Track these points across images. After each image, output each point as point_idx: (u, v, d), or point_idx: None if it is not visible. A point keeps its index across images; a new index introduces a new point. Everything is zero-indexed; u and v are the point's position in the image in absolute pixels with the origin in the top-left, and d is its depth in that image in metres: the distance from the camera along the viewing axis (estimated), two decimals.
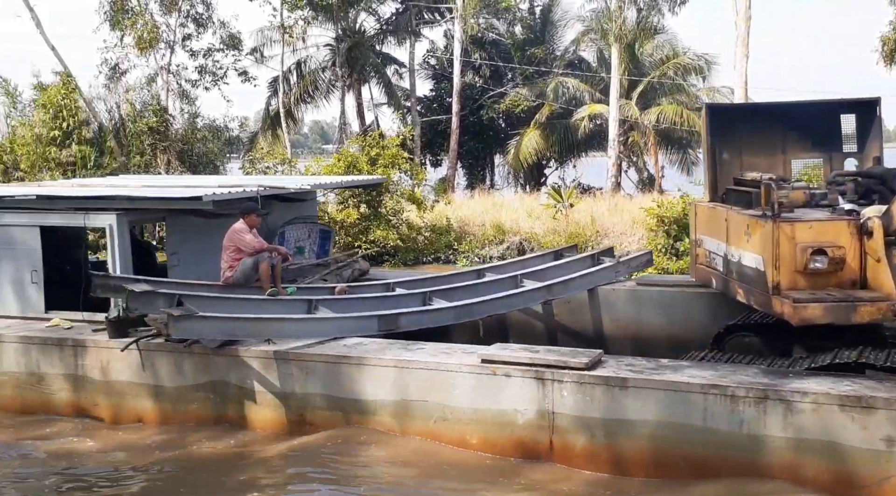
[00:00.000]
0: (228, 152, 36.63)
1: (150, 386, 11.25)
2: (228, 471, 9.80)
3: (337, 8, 34.73)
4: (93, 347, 11.55)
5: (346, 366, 10.29)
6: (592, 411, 9.00)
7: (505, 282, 13.46)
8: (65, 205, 13.18)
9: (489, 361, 9.60)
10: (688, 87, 35.76)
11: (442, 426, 9.82)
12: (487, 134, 39.14)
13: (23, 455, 10.75)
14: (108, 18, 32.28)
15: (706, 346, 11.28)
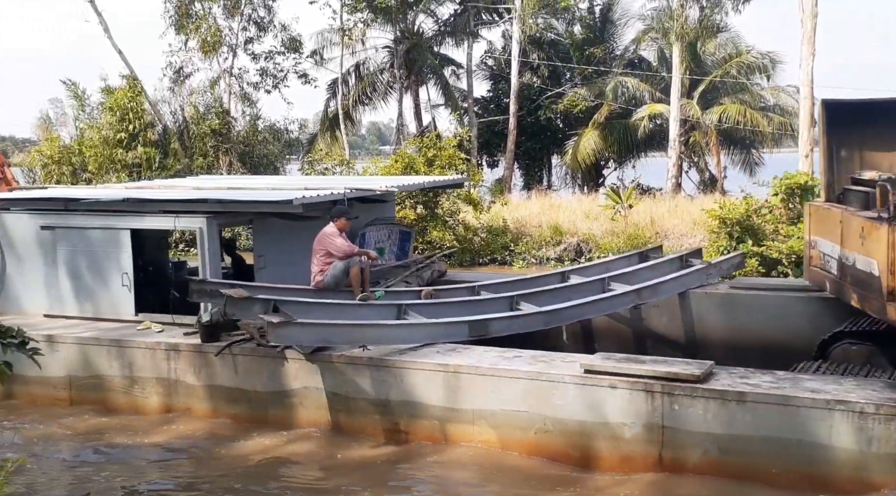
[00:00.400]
0: (288, 154, 36.64)
1: (242, 390, 11.01)
2: (328, 476, 9.51)
3: (396, 10, 34.48)
4: (186, 351, 11.33)
5: (441, 375, 9.82)
6: (706, 426, 8.45)
7: (592, 286, 12.79)
8: (155, 207, 12.97)
9: (593, 372, 9.06)
10: (751, 86, 34.64)
11: (543, 438, 9.28)
12: (545, 134, 38.42)
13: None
14: (173, 23, 32.39)
15: (807, 354, 10.63)
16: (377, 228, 15.14)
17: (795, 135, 27.93)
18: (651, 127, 33.98)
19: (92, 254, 12.95)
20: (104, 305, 12.89)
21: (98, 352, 11.88)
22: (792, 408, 8.02)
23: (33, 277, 13.47)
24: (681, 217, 23.92)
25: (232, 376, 11.00)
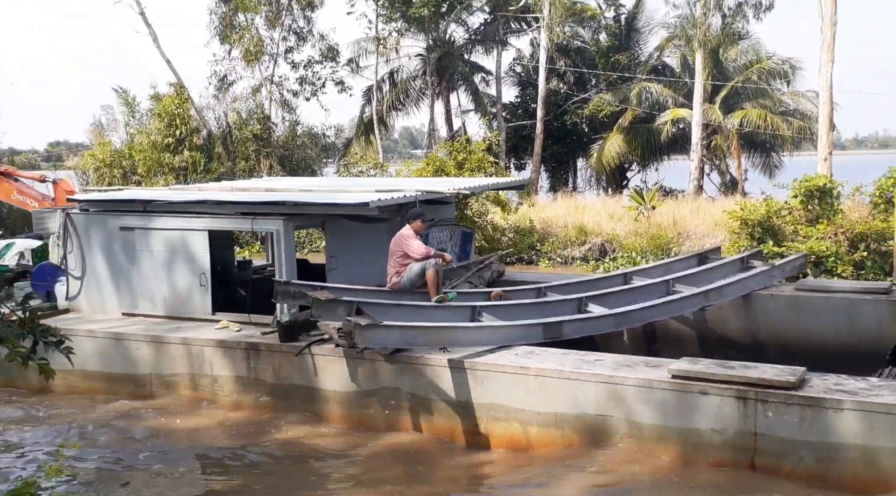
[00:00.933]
0: (325, 158, 36.65)
1: (321, 389, 10.74)
2: (407, 478, 9.25)
3: (428, 20, 34.27)
4: (265, 351, 11.11)
5: (522, 377, 9.48)
6: (801, 433, 8.03)
7: (656, 288, 12.41)
8: (231, 209, 12.61)
9: (681, 377, 8.68)
10: (772, 91, 34.39)
11: (628, 443, 8.92)
12: (571, 138, 38.23)
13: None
14: (217, 33, 32.41)
15: (875, 358, 10.42)
16: (439, 229, 14.68)
17: (814, 139, 27.56)
18: (674, 131, 33.69)
19: (170, 254, 12.73)
20: (182, 304, 12.69)
21: (177, 351, 11.71)
22: (893, 416, 7.61)
23: (112, 277, 13.21)
24: (702, 218, 23.68)
25: (310, 376, 10.78)
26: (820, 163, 24.46)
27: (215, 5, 32.27)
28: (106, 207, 13.52)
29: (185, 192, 15.48)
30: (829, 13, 24.80)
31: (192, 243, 12.53)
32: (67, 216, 13.47)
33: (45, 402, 11.98)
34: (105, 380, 12.20)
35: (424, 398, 10.07)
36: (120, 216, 13.10)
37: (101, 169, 30.47)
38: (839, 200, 17.63)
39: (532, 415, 9.43)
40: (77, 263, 13.40)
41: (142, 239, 12.87)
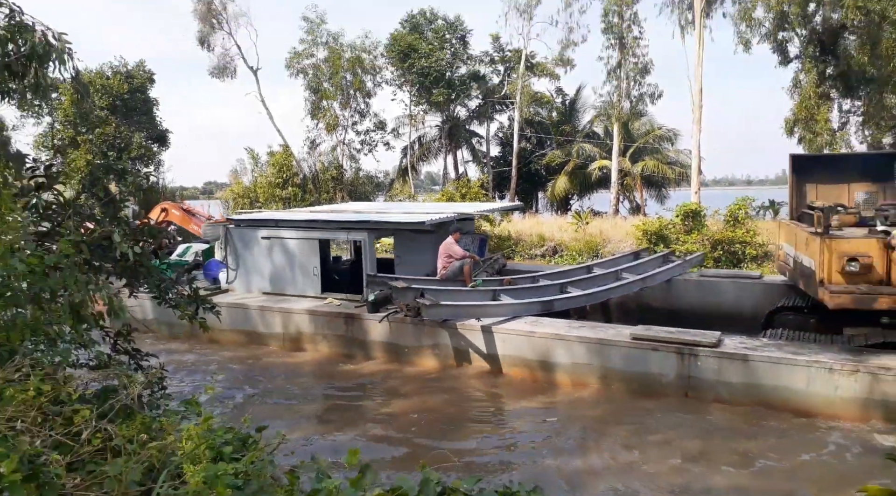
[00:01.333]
0: (377, 192, 36.68)
1: (396, 344, 10.89)
2: (453, 395, 9.35)
3: (443, 104, 34.25)
4: (358, 319, 11.26)
5: (530, 338, 9.60)
6: (718, 375, 8.21)
7: (609, 276, 12.38)
8: (333, 225, 12.89)
9: (639, 338, 8.81)
10: (662, 149, 34.47)
11: (601, 382, 9.09)
12: (534, 179, 37.93)
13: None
14: (309, 112, 32.57)
15: (756, 322, 10.36)
16: (466, 237, 14.27)
17: (689, 179, 27.77)
18: (599, 174, 33.51)
19: (294, 254, 12.92)
20: (301, 287, 12.86)
21: (302, 318, 11.82)
22: (782, 365, 7.73)
23: (257, 269, 13.43)
24: (618, 230, 23.46)
25: (389, 335, 10.92)
26: (692, 195, 24.67)
27: (308, 95, 32.35)
28: (252, 224, 13.78)
29: (301, 212, 15.44)
30: (697, 100, 25.06)
31: (309, 247, 12.75)
32: (227, 229, 13.78)
33: (212, 349, 12.20)
34: (253, 336, 12.38)
35: (465, 350, 10.27)
36: (261, 229, 13.38)
37: (237, 199, 30.73)
38: (704, 218, 17.78)
39: (537, 363, 9.59)
40: (233, 260, 13.67)
41: (276, 244, 13.13)
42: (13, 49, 4.93)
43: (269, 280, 13.30)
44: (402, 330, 10.81)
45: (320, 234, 12.85)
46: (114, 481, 2.78)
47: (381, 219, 12.71)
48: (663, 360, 8.58)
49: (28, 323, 3.72)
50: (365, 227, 12.35)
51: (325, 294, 12.61)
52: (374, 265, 12.32)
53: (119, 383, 3.71)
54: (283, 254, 13.09)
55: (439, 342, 10.48)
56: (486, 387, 9.64)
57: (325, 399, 9.72)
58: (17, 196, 5.20)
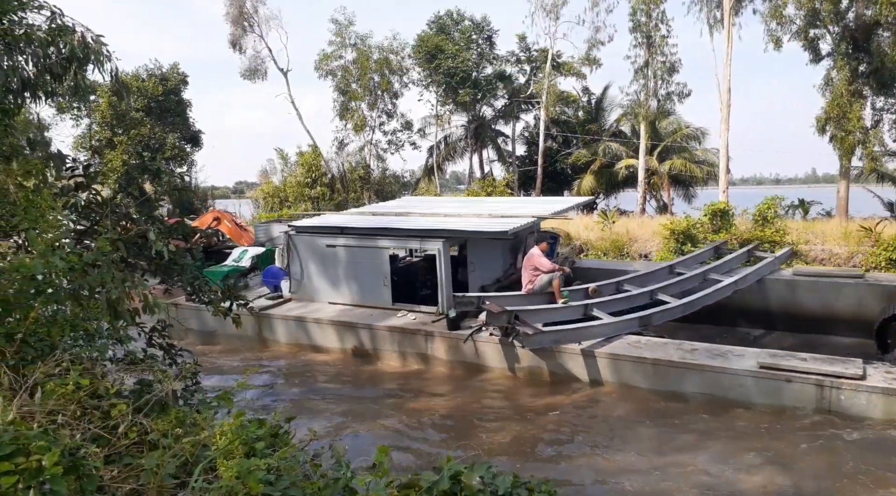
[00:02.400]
0: (403, 191, 36.79)
1: (479, 365, 9.93)
2: (555, 417, 8.35)
3: (469, 104, 34.21)
4: (438, 336, 10.27)
5: (641, 364, 8.54)
6: (868, 412, 7.30)
7: (697, 278, 11.20)
8: (403, 234, 11.78)
9: (768, 367, 7.81)
10: (689, 148, 33.88)
11: (717, 412, 7.98)
12: (560, 178, 37.70)
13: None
14: (338, 113, 32.75)
15: (855, 327, 9.57)
16: (531, 237, 13.38)
17: (717, 178, 27.29)
18: (626, 173, 33.08)
19: (361, 263, 12.02)
20: (369, 296, 11.97)
21: (374, 333, 10.86)
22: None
23: (320, 277, 12.54)
24: (645, 229, 23.24)
25: (472, 355, 9.98)
26: (720, 194, 24.25)
27: (337, 96, 32.55)
28: (315, 231, 12.77)
29: (363, 217, 13.96)
30: (725, 98, 24.64)
31: (378, 256, 11.78)
32: (289, 236, 12.79)
33: (274, 361, 11.34)
34: (318, 350, 11.44)
35: (562, 375, 9.24)
36: (326, 237, 12.47)
37: (266, 198, 31.10)
38: (733, 217, 17.49)
39: (647, 391, 8.57)
40: (296, 268, 12.77)
41: (341, 252, 12.25)
42: (53, 51, 5.02)
43: (334, 290, 12.44)
44: (488, 351, 9.84)
45: (391, 243, 11.86)
46: (150, 474, 2.81)
47: (457, 227, 11.52)
48: (799, 394, 7.61)
49: (67, 319, 3.79)
50: (440, 236, 11.26)
51: (397, 305, 11.70)
52: (449, 276, 11.17)
53: (154, 378, 3.76)
54: (349, 263, 12.23)
55: (532, 365, 9.51)
56: (587, 416, 8.56)
57: (403, 423, 8.73)
58: (58, 195, 5.31)
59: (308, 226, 13.07)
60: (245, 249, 15.33)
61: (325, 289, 12.51)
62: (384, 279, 11.76)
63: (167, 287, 5.98)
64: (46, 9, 5.47)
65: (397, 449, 7.49)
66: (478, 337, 9.83)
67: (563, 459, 7.32)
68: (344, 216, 14.82)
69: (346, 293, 12.29)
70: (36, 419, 2.53)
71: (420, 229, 11.65)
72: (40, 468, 1.84)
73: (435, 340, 10.30)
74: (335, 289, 12.39)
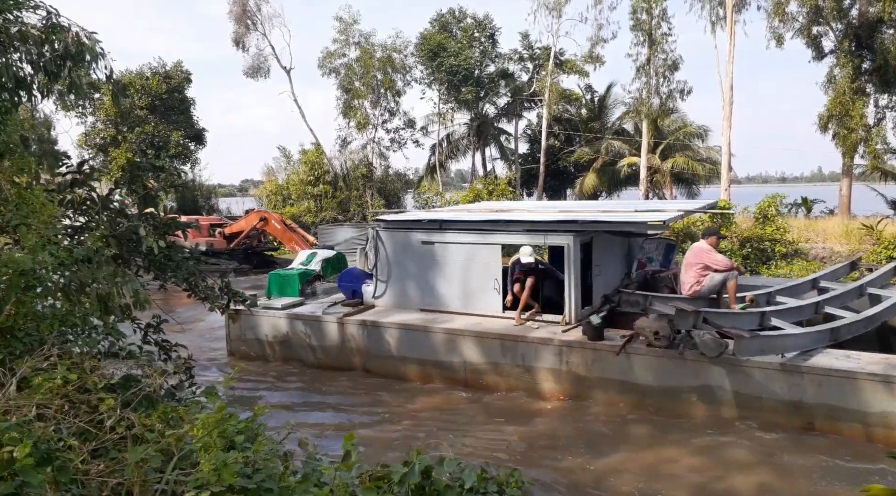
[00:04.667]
0: (406, 189, 36.74)
1: (634, 384, 8.19)
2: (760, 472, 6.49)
3: (471, 102, 34.14)
4: (578, 348, 8.59)
5: (856, 382, 7.01)
6: None
7: (852, 292, 9.60)
8: (519, 227, 9.95)
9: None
10: (692, 146, 33.77)
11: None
12: (562, 176, 37.70)
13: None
14: (341, 112, 32.78)
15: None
16: (648, 241, 11.91)
17: (719, 176, 27.25)
18: (629, 171, 32.93)
19: (464, 262, 10.29)
20: (474, 303, 10.20)
21: (492, 345, 9.15)
22: None
23: (413, 280, 10.83)
24: None
25: (624, 371, 8.22)
26: (722, 191, 24.22)
27: (340, 94, 32.57)
28: (409, 226, 11.05)
29: (472, 212, 11.99)
30: (727, 96, 24.55)
31: (488, 254, 10.07)
32: (376, 233, 11.16)
33: (363, 380, 9.86)
34: (429, 365, 9.62)
35: (754, 396, 7.49)
36: (421, 232, 10.78)
37: (270, 196, 31.20)
38: (733, 216, 17.31)
39: (859, 415, 7.01)
40: (383, 269, 11.08)
41: (440, 250, 10.52)
42: (48, 49, 5.04)
43: (430, 294, 10.65)
44: (650, 366, 8.11)
45: (504, 239, 10.02)
46: (133, 468, 2.83)
47: (597, 218, 9.81)
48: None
49: (57, 314, 3.82)
50: (571, 230, 9.52)
51: (508, 313, 9.92)
52: (579, 278, 9.62)
53: (143, 373, 3.79)
54: (450, 262, 10.47)
55: (710, 383, 7.74)
56: (799, 451, 6.87)
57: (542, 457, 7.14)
58: (53, 192, 5.35)
59: (400, 220, 11.43)
60: (313, 252, 13.89)
61: (418, 294, 10.78)
62: (495, 282, 10.01)
63: (162, 283, 6.01)
64: (42, 8, 5.50)
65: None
66: (633, 347, 8.18)
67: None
68: (431, 212, 13.15)
69: (444, 298, 10.54)
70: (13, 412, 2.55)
71: (545, 221, 9.83)
72: (12, 459, 1.86)
73: (574, 353, 8.58)
74: (431, 293, 10.65)
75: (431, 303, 10.61)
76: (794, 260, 15.79)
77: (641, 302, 8.76)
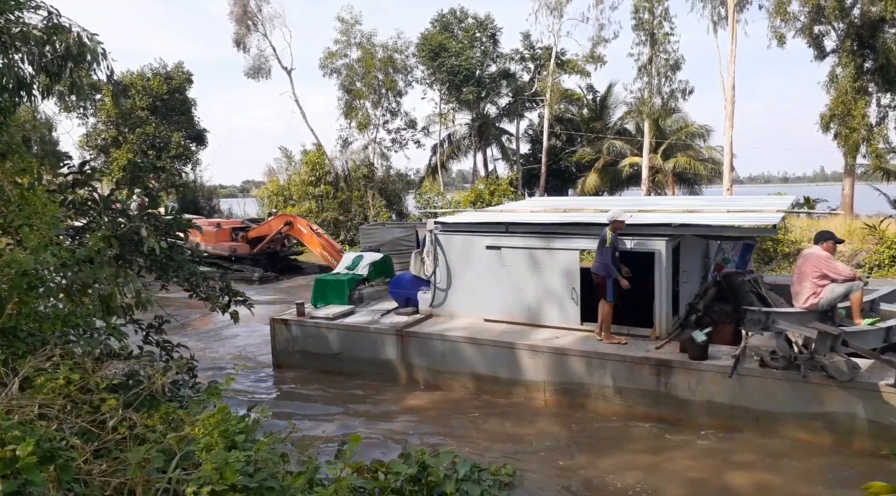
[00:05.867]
0: (407, 189, 36.71)
1: (746, 408, 7.41)
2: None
3: (473, 102, 34.07)
4: (679, 368, 7.68)
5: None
6: None
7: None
8: (597, 231, 8.75)
9: None
10: (694, 145, 33.74)
11: None
12: (564, 176, 37.55)
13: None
14: (342, 112, 32.79)
15: None
16: (725, 241, 10.64)
17: (721, 176, 27.24)
18: (630, 171, 32.90)
19: (535, 269, 9.36)
20: (547, 314, 9.32)
21: (576, 362, 8.27)
22: None
23: (476, 287, 9.92)
24: None
25: (735, 394, 7.42)
26: (724, 191, 24.24)
27: (341, 95, 32.58)
28: (471, 229, 10.11)
29: (544, 213, 10.97)
30: (729, 95, 24.54)
31: (564, 260, 9.15)
32: (435, 236, 10.24)
33: (434, 396, 8.97)
34: (489, 381, 8.87)
35: (886, 425, 6.68)
36: (484, 236, 9.84)
37: (271, 196, 31.24)
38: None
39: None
40: (442, 275, 10.18)
41: (508, 256, 9.59)
42: (49, 50, 5.06)
43: (495, 303, 9.75)
44: (768, 389, 7.30)
45: (585, 244, 9.11)
46: (135, 468, 2.84)
47: (693, 220, 8.81)
48: None
49: (59, 314, 3.83)
50: (663, 234, 8.57)
51: (586, 325, 9.06)
52: (670, 288, 8.70)
53: (144, 373, 3.80)
54: (520, 269, 9.54)
55: (833, 410, 6.97)
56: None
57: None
58: (54, 192, 5.36)
59: (460, 222, 10.44)
60: (359, 255, 12.81)
61: (482, 303, 9.86)
62: (572, 291, 9.11)
63: (163, 284, 6.02)
64: (43, 9, 5.52)
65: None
66: (744, 371, 7.37)
67: None
68: (489, 213, 11.87)
69: (512, 308, 9.61)
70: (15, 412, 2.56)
71: (632, 224, 8.77)
72: (14, 458, 1.87)
73: (673, 374, 7.68)
74: (496, 302, 9.75)
75: (497, 314, 9.72)
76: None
77: (763, 320, 7.49)
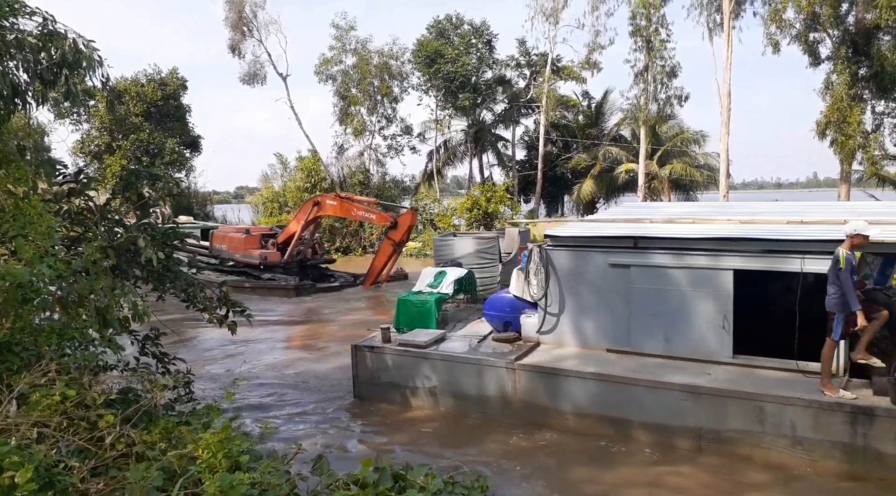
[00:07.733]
0: (403, 196, 36.72)
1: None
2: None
3: (468, 108, 34.18)
4: (885, 416, 6.15)
5: None
6: None
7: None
8: (759, 247, 7.43)
9: None
10: (690, 152, 33.77)
11: None
12: (560, 182, 37.71)
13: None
14: (337, 119, 32.81)
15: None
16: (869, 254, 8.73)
17: (717, 182, 27.32)
18: (626, 178, 32.99)
19: (675, 293, 7.88)
20: (689, 346, 7.79)
21: (742, 406, 6.75)
22: None
23: (595, 312, 8.47)
24: None
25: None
26: (720, 198, 24.32)
27: (337, 101, 32.64)
28: (590, 243, 8.57)
29: (679, 224, 9.13)
30: (725, 103, 24.66)
31: (713, 282, 7.64)
32: (545, 252, 8.76)
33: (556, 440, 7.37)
34: (626, 425, 7.37)
35: None
36: (609, 253, 8.31)
37: (266, 203, 31.15)
38: None
39: None
40: (553, 298, 8.72)
41: (638, 276, 8.09)
42: (45, 57, 4.98)
43: (621, 331, 8.30)
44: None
45: (740, 263, 7.51)
46: (135, 487, 2.76)
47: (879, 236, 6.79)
48: None
49: (55, 327, 3.74)
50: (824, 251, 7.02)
51: (739, 358, 7.61)
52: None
53: (143, 387, 3.71)
54: (654, 292, 8.05)
55: None
56: None
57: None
58: (49, 202, 5.27)
59: (576, 236, 8.86)
60: (442, 270, 11.39)
61: (604, 331, 8.43)
62: (723, 319, 7.63)
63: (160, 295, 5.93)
64: (38, 15, 5.44)
65: None
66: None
67: None
68: (605, 224, 9.80)
69: (643, 338, 8.13)
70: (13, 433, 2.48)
71: (803, 240, 7.26)
72: (13, 485, 1.79)
73: (877, 423, 6.21)
74: (622, 330, 8.29)
75: (624, 343, 8.27)
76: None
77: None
